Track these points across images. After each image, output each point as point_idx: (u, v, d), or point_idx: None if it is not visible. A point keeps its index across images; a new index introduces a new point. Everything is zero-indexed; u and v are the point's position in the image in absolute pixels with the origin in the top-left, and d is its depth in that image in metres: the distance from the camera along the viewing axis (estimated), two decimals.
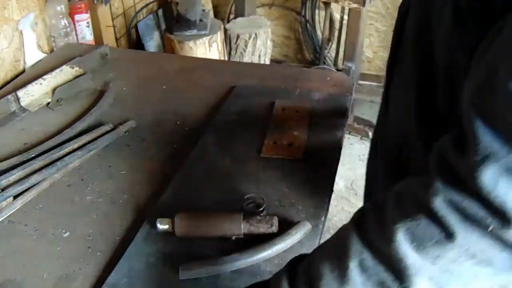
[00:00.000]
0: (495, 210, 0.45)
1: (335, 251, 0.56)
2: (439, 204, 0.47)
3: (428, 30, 0.63)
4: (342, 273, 0.53)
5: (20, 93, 1.30)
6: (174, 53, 2.17)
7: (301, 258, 0.63)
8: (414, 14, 0.70)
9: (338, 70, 2.99)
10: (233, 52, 2.45)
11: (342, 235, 0.57)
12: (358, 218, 0.57)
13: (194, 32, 2.20)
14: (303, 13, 3.03)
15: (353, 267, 0.52)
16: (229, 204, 0.97)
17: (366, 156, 1.03)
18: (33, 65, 1.58)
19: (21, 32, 1.57)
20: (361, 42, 2.66)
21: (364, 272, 0.52)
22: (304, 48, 3.21)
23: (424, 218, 0.49)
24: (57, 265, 0.87)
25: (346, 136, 2.56)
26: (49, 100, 1.35)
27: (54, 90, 1.35)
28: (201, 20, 2.22)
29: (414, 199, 0.50)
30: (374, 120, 2.84)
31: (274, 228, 0.86)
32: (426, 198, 0.48)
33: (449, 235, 0.47)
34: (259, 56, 2.47)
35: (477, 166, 0.44)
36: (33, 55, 1.61)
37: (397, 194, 0.53)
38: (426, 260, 0.49)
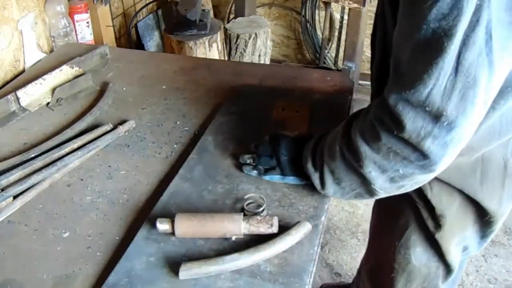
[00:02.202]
0: (397, 121, 0.72)
1: (331, 142, 0.89)
2: (373, 117, 0.78)
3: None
4: (332, 155, 0.87)
5: (20, 93, 1.30)
6: (174, 53, 2.17)
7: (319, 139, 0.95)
8: None
9: (338, 70, 2.99)
10: (233, 52, 2.45)
11: (335, 132, 0.89)
12: (345, 126, 0.87)
13: (194, 32, 2.20)
14: (303, 13, 3.03)
15: (337, 151, 0.86)
16: (229, 204, 0.97)
17: None
18: (33, 65, 1.58)
19: (21, 32, 1.57)
20: (361, 42, 2.66)
21: (342, 154, 0.85)
22: (304, 48, 3.21)
23: (368, 127, 0.79)
24: (57, 265, 0.87)
25: None
26: (49, 100, 1.35)
27: (54, 90, 1.35)
28: (201, 20, 2.22)
29: (368, 114, 0.80)
30: None
31: (274, 228, 0.86)
32: (371, 113, 0.79)
33: (377, 137, 0.77)
34: (259, 56, 2.47)
35: (387, 93, 0.74)
36: (33, 55, 1.61)
37: (367, 109, 0.83)
38: (372, 149, 0.79)
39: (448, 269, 1.10)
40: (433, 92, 0.69)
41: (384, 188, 0.83)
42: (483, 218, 1.01)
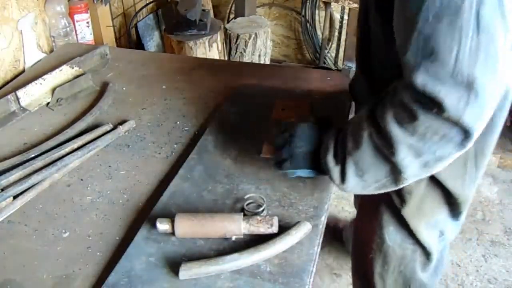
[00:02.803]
0: (434, 101, 0.69)
1: (356, 127, 0.83)
2: (406, 98, 0.73)
3: None
4: (358, 145, 0.81)
5: (20, 93, 1.30)
6: (174, 53, 2.17)
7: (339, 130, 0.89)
8: None
9: (338, 70, 2.99)
10: (233, 52, 2.44)
11: (359, 119, 0.84)
12: (371, 106, 0.82)
13: (194, 32, 2.20)
14: (303, 13, 3.03)
15: (365, 140, 0.80)
16: (229, 204, 0.97)
17: None
18: (33, 65, 1.58)
19: (21, 32, 1.57)
20: None
21: (370, 140, 0.80)
22: (304, 48, 3.21)
23: (401, 109, 0.74)
24: (57, 265, 0.87)
25: None
26: (49, 100, 1.35)
27: (54, 90, 1.35)
28: (201, 20, 2.22)
29: (397, 96, 0.75)
30: None
31: (274, 228, 0.86)
32: (402, 95, 0.74)
33: (414, 117, 0.73)
34: (259, 56, 2.46)
35: (413, 74, 0.71)
36: (33, 55, 1.61)
37: (392, 91, 0.78)
38: (406, 133, 0.75)
39: (426, 253, 1.12)
40: (459, 57, 0.67)
41: (414, 175, 0.80)
42: (450, 200, 1.04)
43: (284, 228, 0.86)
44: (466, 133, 0.71)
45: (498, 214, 2.17)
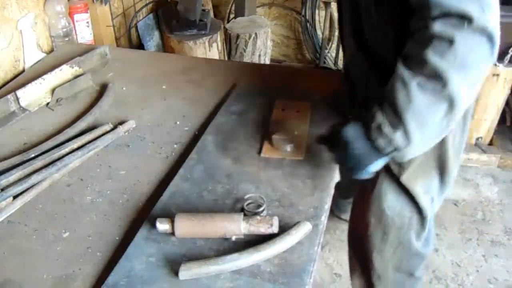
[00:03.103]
0: (464, 17, 0.78)
1: (398, 84, 0.86)
2: (437, 28, 0.80)
3: None
4: (409, 94, 0.85)
5: (20, 93, 1.30)
6: (174, 53, 2.17)
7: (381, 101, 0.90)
8: None
9: (338, 70, 2.99)
10: (233, 52, 2.44)
11: (395, 75, 0.87)
12: (403, 60, 0.86)
13: (194, 32, 2.20)
14: (303, 12, 3.03)
15: (412, 86, 0.84)
16: (229, 204, 0.97)
17: None
18: (32, 65, 1.58)
19: (20, 32, 1.57)
20: None
21: (419, 87, 0.84)
22: (304, 48, 3.21)
23: (436, 39, 0.81)
24: (57, 265, 0.87)
25: None
26: (49, 100, 1.35)
27: (53, 90, 1.35)
28: (201, 20, 2.22)
29: (425, 35, 0.82)
30: None
31: (274, 228, 0.86)
32: (430, 30, 0.81)
33: (452, 41, 0.79)
34: (259, 56, 2.46)
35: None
36: (33, 55, 1.61)
37: (415, 39, 0.85)
38: (449, 61, 0.80)
39: (421, 219, 1.18)
40: None
41: (467, 101, 0.85)
42: (442, 166, 1.12)
43: (284, 228, 0.86)
44: (492, 40, 0.80)
45: (498, 214, 2.17)
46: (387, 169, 1.10)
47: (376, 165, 0.95)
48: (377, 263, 1.27)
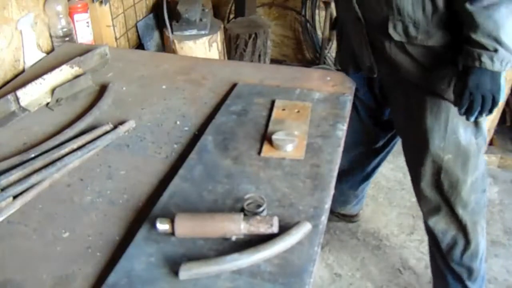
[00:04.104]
0: None
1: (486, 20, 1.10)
2: None
3: None
4: (498, 22, 1.08)
5: (20, 93, 1.30)
6: (174, 53, 2.17)
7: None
8: None
9: (338, 70, 2.99)
10: (233, 52, 2.44)
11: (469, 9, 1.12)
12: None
13: (194, 32, 2.20)
14: (303, 12, 3.03)
15: (503, 15, 1.07)
16: (229, 204, 0.97)
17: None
18: (32, 65, 1.58)
19: (20, 32, 1.57)
20: None
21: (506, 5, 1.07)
22: (304, 48, 3.21)
23: None
24: (57, 265, 0.87)
25: None
26: (49, 100, 1.35)
27: (53, 90, 1.35)
28: (201, 20, 2.22)
29: None
30: None
31: (274, 228, 0.86)
32: None
33: None
34: (259, 56, 2.46)
35: None
36: (33, 55, 1.61)
37: None
38: None
39: (483, 138, 1.40)
40: None
41: None
42: None
43: (284, 228, 0.86)
44: None
45: (499, 214, 2.17)
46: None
47: (503, 88, 1.17)
48: (463, 192, 1.43)
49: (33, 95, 1.33)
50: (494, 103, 1.17)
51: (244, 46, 2.40)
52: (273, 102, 1.27)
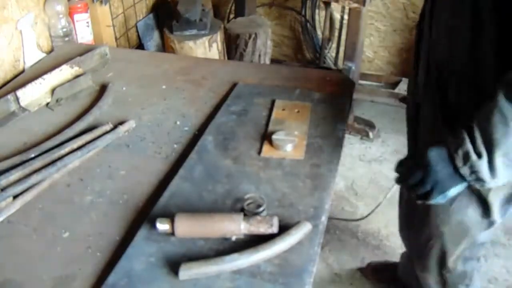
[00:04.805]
0: None
1: (497, 117, 0.82)
2: None
3: None
4: (507, 132, 0.82)
5: (20, 93, 1.30)
6: (174, 53, 2.17)
7: (469, 125, 0.87)
8: None
9: (338, 70, 2.99)
10: (233, 52, 2.44)
11: (496, 104, 0.83)
12: (507, 90, 0.82)
13: (194, 32, 2.20)
14: (303, 12, 3.03)
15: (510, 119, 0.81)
16: (229, 204, 0.97)
17: (366, 156, 1.05)
18: (32, 65, 1.58)
19: (20, 32, 1.57)
20: (361, 42, 2.66)
21: None
22: (304, 48, 3.20)
23: None
24: (57, 265, 0.87)
25: (346, 136, 2.55)
26: (49, 100, 1.35)
27: (53, 90, 1.35)
28: (201, 20, 2.22)
29: None
30: (374, 120, 2.83)
31: (274, 228, 0.86)
32: None
33: None
34: (259, 56, 2.46)
35: None
36: (33, 55, 1.61)
37: None
38: None
39: (490, 221, 1.17)
40: None
41: None
42: None
43: (284, 228, 0.86)
44: None
45: None
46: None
47: (455, 191, 0.93)
48: (450, 263, 1.29)
49: (33, 95, 1.33)
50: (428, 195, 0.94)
51: (244, 46, 2.39)
52: (273, 102, 1.27)
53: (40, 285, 0.84)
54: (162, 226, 0.87)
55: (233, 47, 2.42)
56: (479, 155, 0.85)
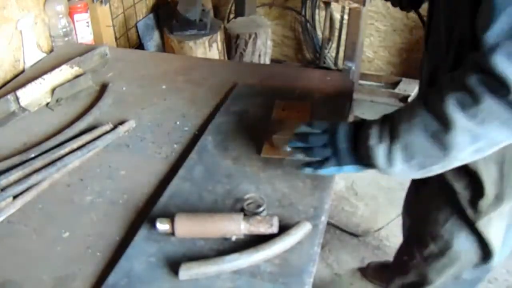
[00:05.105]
0: (504, 84, 0.69)
1: (407, 112, 0.83)
2: (472, 81, 0.73)
3: None
4: (411, 128, 0.81)
5: (20, 93, 1.30)
6: (174, 53, 2.17)
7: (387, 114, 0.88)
8: None
9: (338, 70, 2.99)
10: (233, 52, 2.44)
11: (411, 105, 0.84)
12: (424, 93, 0.83)
13: (194, 32, 2.20)
14: (303, 12, 3.03)
15: (417, 122, 0.80)
16: (229, 204, 0.97)
17: None
18: (32, 65, 1.58)
19: (20, 32, 1.57)
20: (361, 42, 2.66)
21: (424, 126, 0.79)
22: (304, 48, 3.20)
23: (464, 90, 0.74)
24: (57, 266, 0.87)
25: None
26: (49, 100, 1.35)
27: (53, 90, 1.35)
28: (201, 20, 2.22)
29: (460, 80, 0.75)
30: None
31: (274, 228, 0.86)
32: (466, 78, 0.74)
33: (479, 100, 0.72)
34: (259, 56, 2.46)
35: (490, 54, 0.70)
36: (33, 55, 1.61)
37: (450, 77, 0.79)
38: (466, 117, 0.74)
39: (486, 259, 1.12)
40: None
41: (464, 160, 0.81)
42: None
43: (284, 228, 0.86)
44: None
45: None
46: (460, 210, 1.07)
47: (350, 169, 0.91)
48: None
49: (33, 95, 1.33)
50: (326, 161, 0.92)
51: (244, 46, 2.39)
52: (273, 103, 1.27)
53: (40, 285, 0.84)
54: (162, 226, 0.87)
55: (233, 47, 2.42)
56: (379, 140, 0.84)
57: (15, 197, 1.01)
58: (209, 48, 2.21)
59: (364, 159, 0.88)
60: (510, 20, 0.69)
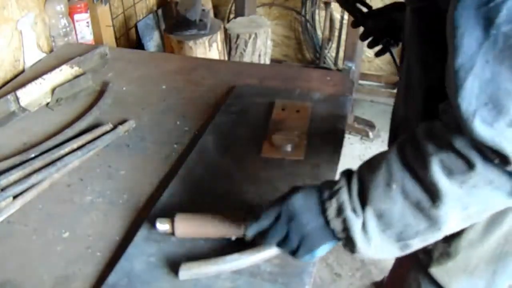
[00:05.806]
0: (497, 152, 0.58)
1: (382, 173, 0.68)
2: (461, 143, 0.61)
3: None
4: (387, 193, 0.66)
5: (20, 93, 1.30)
6: (174, 53, 2.17)
7: (350, 172, 0.73)
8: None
9: (338, 70, 2.99)
10: (233, 52, 2.44)
11: (387, 158, 0.69)
12: (400, 148, 0.68)
13: (194, 32, 2.20)
14: (303, 12, 3.03)
15: (396, 188, 0.66)
16: (229, 204, 0.97)
17: (366, 156, 1.05)
18: (32, 65, 1.58)
19: (20, 32, 1.57)
20: (361, 42, 2.66)
21: (404, 193, 0.65)
22: (304, 48, 3.21)
23: (452, 153, 0.62)
24: (57, 266, 0.87)
25: (346, 136, 2.55)
26: (49, 100, 1.35)
27: (53, 90, 1.35)
28: (201, 20, 2.21)
29: (443, 139, 0.63)
30: (374, 120, 2.83)
31: None
32: (451, 139, 0.62)
33: (471, 166, 0.61)
34: (259, 56, 2.46)
35: (471, 123, 0.58)
36: (33, 55, 1.61)
37: (428, 132, 0.66)
38: (454, 185, 0.62)
39: None
40: None
41: (452, 229, 0.68)
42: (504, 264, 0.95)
43: None
44: None
45: None
46: (414, 254, 0.87)
47: (324, 249, 0.77)
48: None
49: (33, 95, 1.33)
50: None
51: (244, 46, 2.39)
52: (273, 103, 1.27)
53: (40, 285, 0.84)
54: (162, 226, 0.86)
55: (233, 47, 2.42)
56: (353, 210, 0.69)
57: (15, 197, 1.01)
58: (209, 48, 2.21)
59: (337, 234, 0.72)
60: (480, 82, 0.57)
